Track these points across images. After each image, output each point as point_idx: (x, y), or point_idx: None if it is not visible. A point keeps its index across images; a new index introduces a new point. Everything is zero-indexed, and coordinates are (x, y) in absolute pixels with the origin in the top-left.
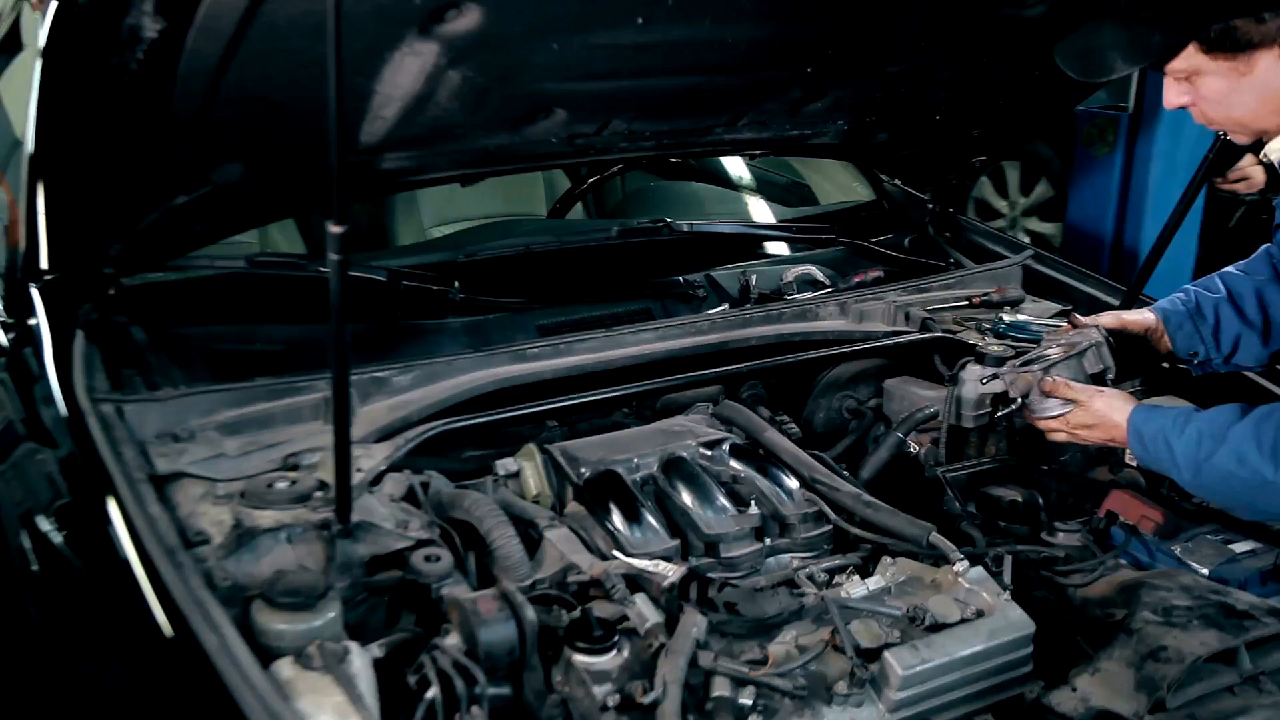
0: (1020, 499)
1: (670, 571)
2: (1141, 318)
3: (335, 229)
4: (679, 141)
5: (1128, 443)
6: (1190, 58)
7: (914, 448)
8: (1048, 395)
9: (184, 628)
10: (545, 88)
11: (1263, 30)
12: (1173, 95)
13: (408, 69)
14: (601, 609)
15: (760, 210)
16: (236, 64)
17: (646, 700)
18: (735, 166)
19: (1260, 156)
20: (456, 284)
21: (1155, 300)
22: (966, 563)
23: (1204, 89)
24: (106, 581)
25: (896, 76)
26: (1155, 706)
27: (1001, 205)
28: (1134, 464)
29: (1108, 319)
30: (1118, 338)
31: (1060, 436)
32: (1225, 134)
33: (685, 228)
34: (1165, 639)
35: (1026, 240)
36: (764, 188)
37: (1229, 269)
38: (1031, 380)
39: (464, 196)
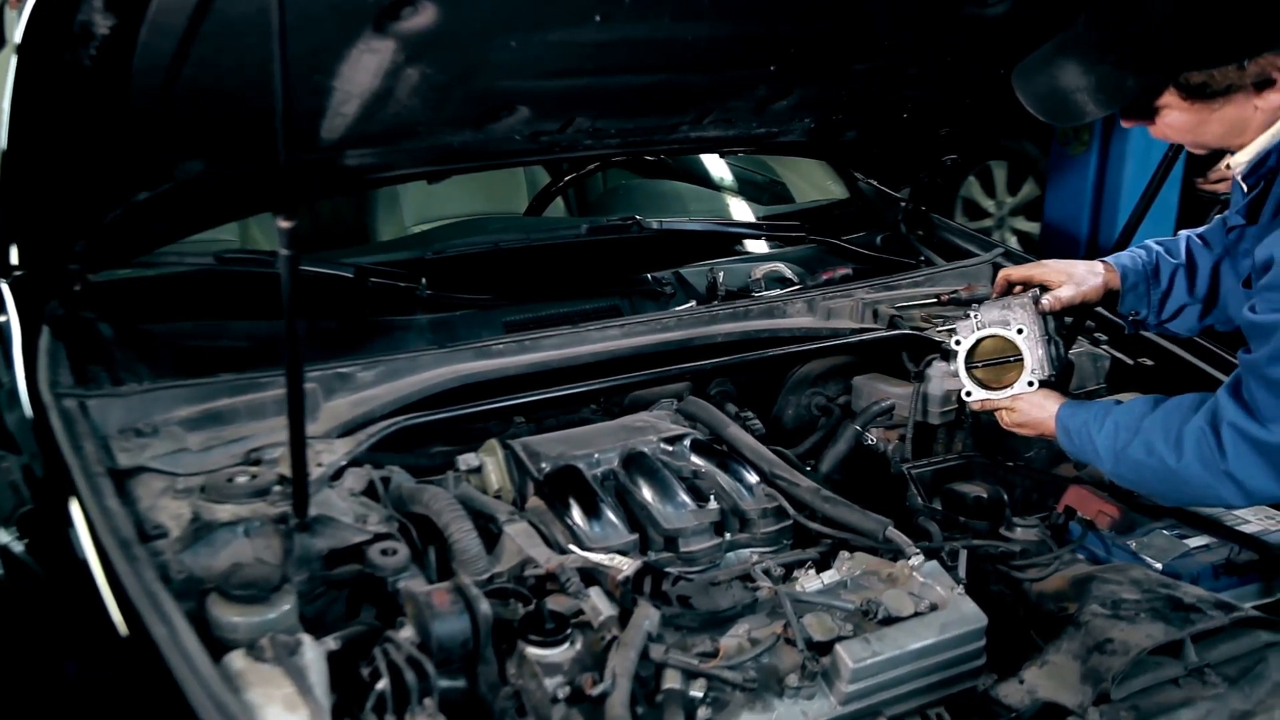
0: (985, 495)
1: (625, 565)
2: (1097, 285)
3: (284, 224)
4: (645, 139)
5: (1057, 437)
6: (1163, 99)
7: (872, 439)
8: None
9: (137, 620)
10: (506, 85)
11: (1243, 74)
12: (1129, 120)
13: (365, 66)
14: (557, 603)
15: (737, 208)
16: (192, 61)
17: (595, 692)
18: (713, 165)
19: (1224, 168)
20: (424, 281)
21: None
22: (921, 557)
23: (1170, 119)
24: (67, 579)
25: (862, 75)
26: (1100, 698)
27: (989, 205)
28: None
29: (1068, 294)
30: (1078, 309)
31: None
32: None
33: (655, 225)
34: (1112, 631)
35: (1014, 240)
36: (741, 186)
37: (1194, 235)
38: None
39: (446, 193)
